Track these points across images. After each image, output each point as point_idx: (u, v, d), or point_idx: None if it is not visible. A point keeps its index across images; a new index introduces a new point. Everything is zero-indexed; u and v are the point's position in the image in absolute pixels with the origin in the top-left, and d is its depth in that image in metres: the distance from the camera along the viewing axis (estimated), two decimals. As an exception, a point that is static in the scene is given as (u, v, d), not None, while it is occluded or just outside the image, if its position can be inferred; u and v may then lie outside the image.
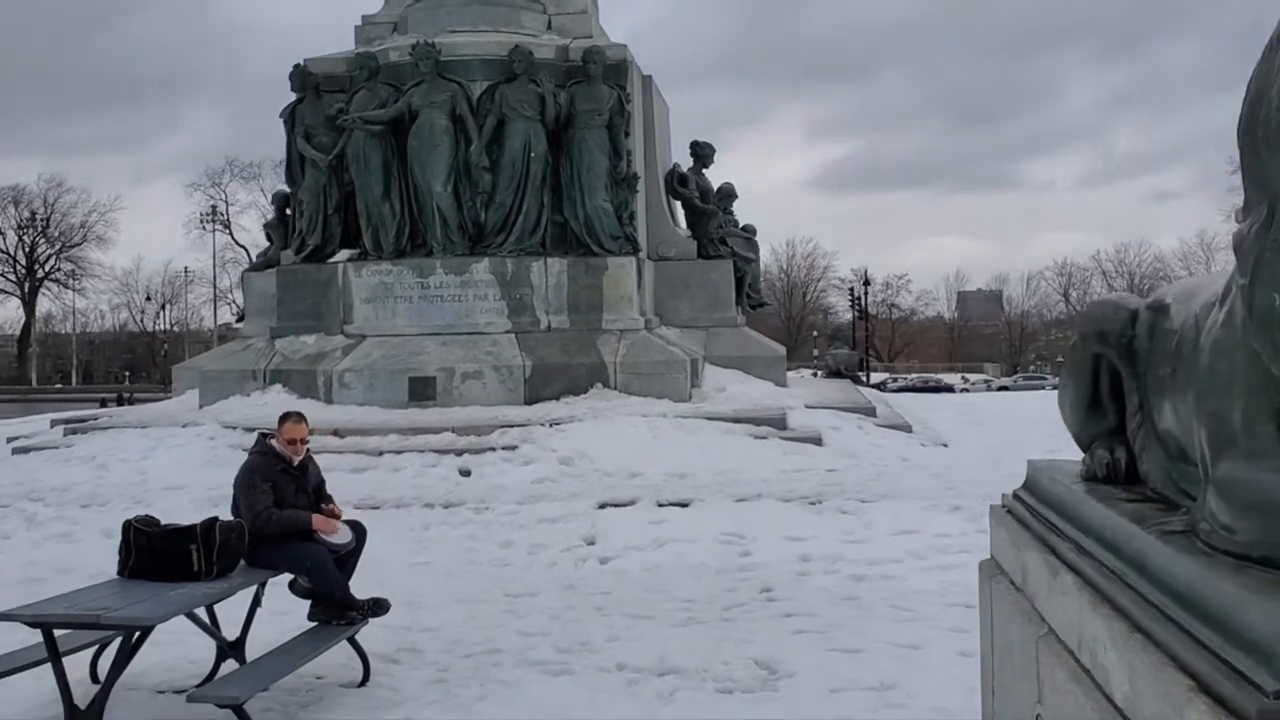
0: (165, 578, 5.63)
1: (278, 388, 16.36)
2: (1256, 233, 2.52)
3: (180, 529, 5.76)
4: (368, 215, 16.82)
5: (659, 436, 13.53)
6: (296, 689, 6.29)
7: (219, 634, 6.22)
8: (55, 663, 4.88)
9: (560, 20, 18.32)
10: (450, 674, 6.51)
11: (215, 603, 5.79)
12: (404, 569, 9.71)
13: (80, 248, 76.27)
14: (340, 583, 6.22)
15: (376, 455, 13.46)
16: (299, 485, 6.36)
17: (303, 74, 17.59)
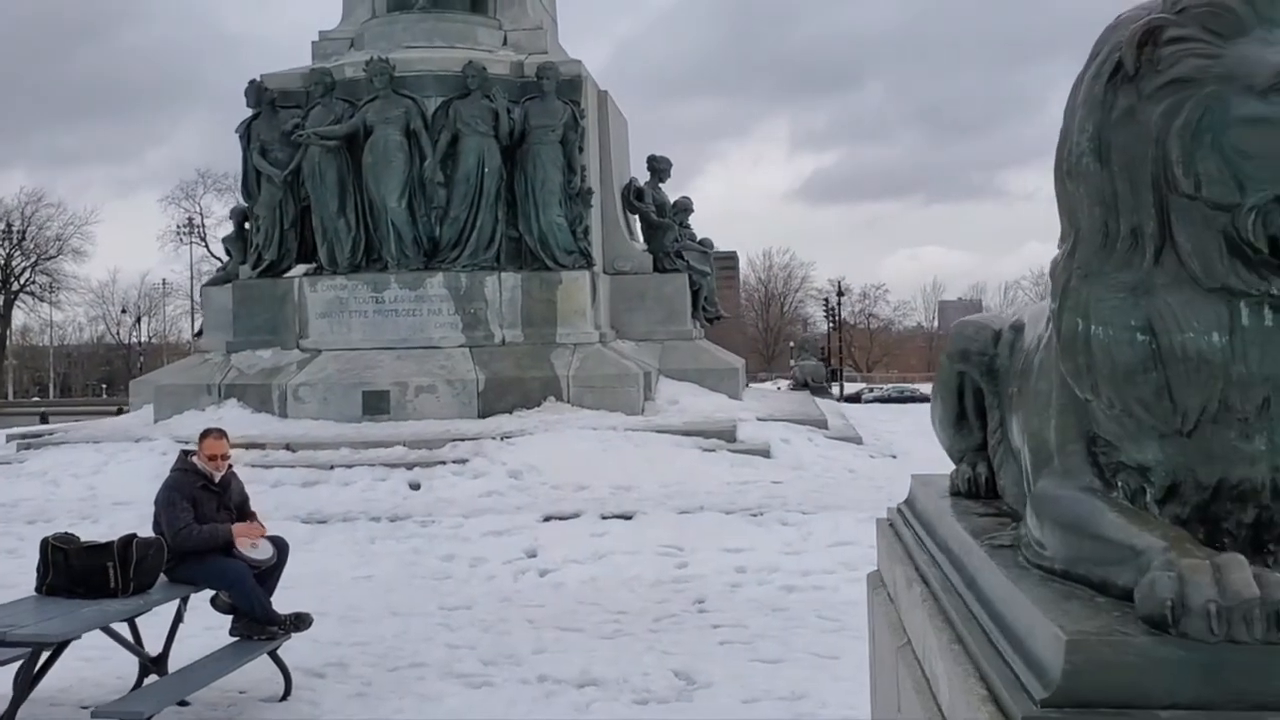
0: (82, 595, 5.69)
1: (233, 402, 16.38)
2: (1064, 260, 2.67)
3: (97, 546, 5.82)
4: (323, 230, 16.88)
5: (608, 449, 13.64)
6: (217, 704, 6.36)
7: (141, 650, 6.27)
8: (-37, 679, 4.93)
9: (516, 36, 18.45)
10: (373, 687, 6.59)
11: (129, 619, 5.85)
12: (346, 582, 9.79)
13: (55, 260, 75.71)
14: (261, 598, 6.29)
15: (327, 469, 13.51)
16: (220, 501, 6.43)
17: (258, 89, 17.65)
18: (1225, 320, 2.33)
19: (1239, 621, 2.01)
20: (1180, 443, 2.41)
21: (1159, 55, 2.38)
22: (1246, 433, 2.36)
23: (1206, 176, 2.32)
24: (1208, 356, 2.33)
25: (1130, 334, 2.43)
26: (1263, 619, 2.00)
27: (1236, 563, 2.10)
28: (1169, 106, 2.35)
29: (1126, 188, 2.43)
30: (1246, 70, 2.31)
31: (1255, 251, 2.31)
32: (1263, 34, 2.37)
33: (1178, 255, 2.41)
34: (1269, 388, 2.33)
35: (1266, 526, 2.42)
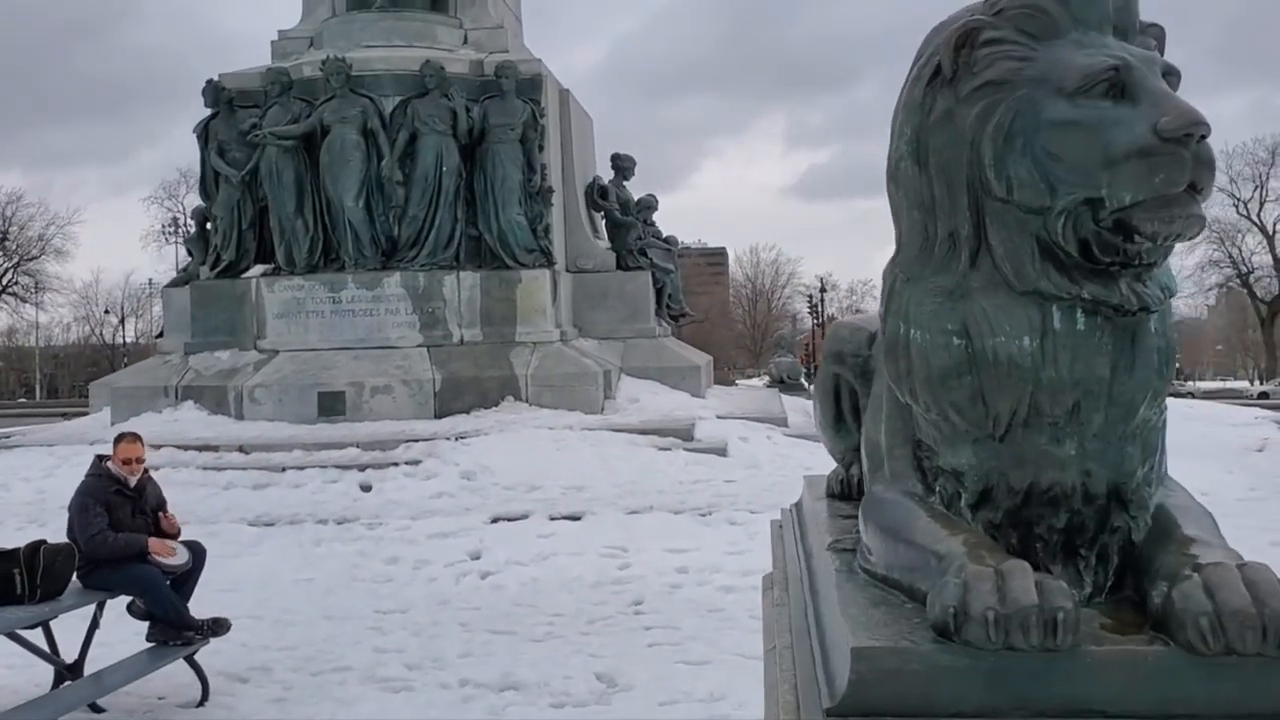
0: (-12, 601, 5.63)
1: (190, 404, 16.28)
2: (890, 264, 2.67)
3: (3, 553, 5.76)
4: (281, 230, 16.79)
5: (563, 449, 13.60)
6: (135, 710, 6.32)
7: (55, 657, 6.20)
8: None
9: (476, 35, 18.38)
10: (292, 692, 6.55)
11: (35, 625, 5.78)
12: (286, 585, 9.73)
13: (38, 261, 75.23)
14: (175, 604, 6.24)
15: (279, 471, 13.43)
16: (136, 506, 6.37)
17: (215, 89, 17.54)
18: (1037, 324, 2.32)
19: (1016, 629, 1.99)
20: (993, 447, 2.40)
21: (975, 57, 2.37)
22: (1057, 437, 2.35)
23: (1018, 180, 2.30)
24: (1018, 360, 2.32)
25: (946, 338, 2.41)
26: (1039, 626, 1.99)
27: (1019, 570, 2.09)
28: (983, 109, 2.34)
29: (944, 191, 2.42)
30: (1057, 73, 2.30)
31: (1067, 255, 2.30)
32: (1077, 36, 2.36)
33: (992, 259, 2.39)
34: (1079, 392, 2.32)
35: (1078, 531, 2.40)
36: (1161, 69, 2.35)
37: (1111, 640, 2.09)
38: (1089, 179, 2.25)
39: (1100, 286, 2.30)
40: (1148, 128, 2.20)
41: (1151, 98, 2.24)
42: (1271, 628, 1.93)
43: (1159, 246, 2.29)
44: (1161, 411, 2.46)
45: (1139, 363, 2.35)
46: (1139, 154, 2.19)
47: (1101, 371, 2.32)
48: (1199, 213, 2.26)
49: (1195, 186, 2.21)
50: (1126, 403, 2.35)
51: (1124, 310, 2.30)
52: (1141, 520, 2.40)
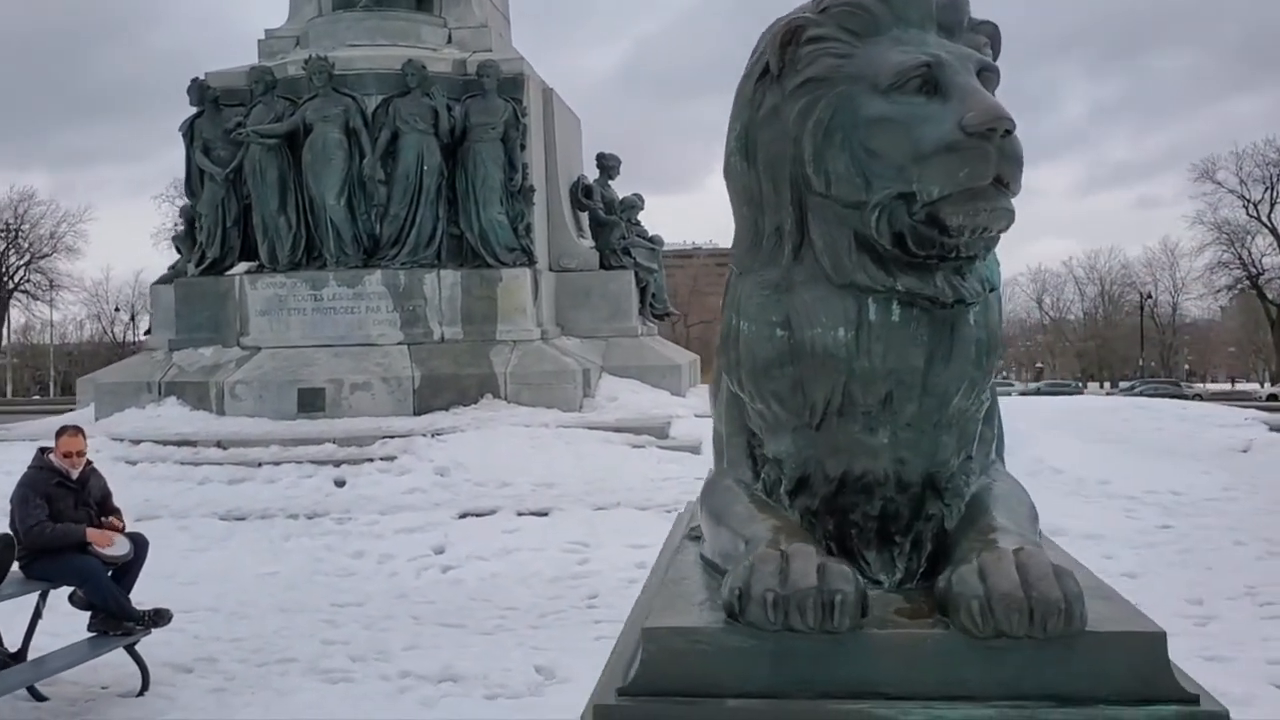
0: (-76, 591, 5.70)
1: (172, 400, 16.36)
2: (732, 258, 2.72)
3: (-61, 543, 5.84)
4: (264, 228, 16.86)
5: (537, 446, 13.65)
6: (76, 698, 6.40)
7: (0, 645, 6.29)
8: None
9: (460, 34, 18.44)
10: (233, 683, 6.62)
11: (-30, 615, 5.86)
12: (248, 579, 9.81)
13: (50, 259, 75.55)
14: (114, 594, 6.31)
15: (255, 467, 13.50)
16: (78, 498, 6.44)
17: (201, 88, 17.61)
18: (853, 316, 2.37)
19: (794, 610, 2.05)
20: (810, 436, 2.45)
21: (798, 55, 2.42)
22: (870, 426, 2.41)
23: (835, 175, 2.36)
24: (832, 351, 2.37)
25: (770, 329, 2.47)
26: (815, 608, 2.04)
27: (803, 553, 2.14)
28: (804, 106, 2.39)
29: (770, 187, 2.47)
30: (873, 70, 2.35)
31: (884, 249, 2.34)
32: (898, 33, 2.41)
33: (814, 253, 2.45)
34: (891, 382, 2.37)
35: (893, 519, 2.45)
36: (977, 66, 2.40)
37: (899, 624, 2.15)
38: (901, 173, 2.30)
39: (916, 279, 2.35)
40: (954, 123, 2.25)
41: (960, 94, 2.29)
42: (1038, 611, 1.98)
43: (974, 239, 2.33)
44: (982, 402, 2.51)
45: (956, 354, 2.40)
46: (945, 149, 2.24)
47: (915, 362, 2.37)
48: (1006, 206, 2.31)
49: (1002, 180, 2.26)
50: (941, 393, 2.40)
51: (940, 302, 2.35)
52: (955, 508, 2.46)
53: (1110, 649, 2.01)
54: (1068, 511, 11.81)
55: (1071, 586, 2.01)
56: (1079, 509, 12.15)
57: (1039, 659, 2.01)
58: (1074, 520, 11.17)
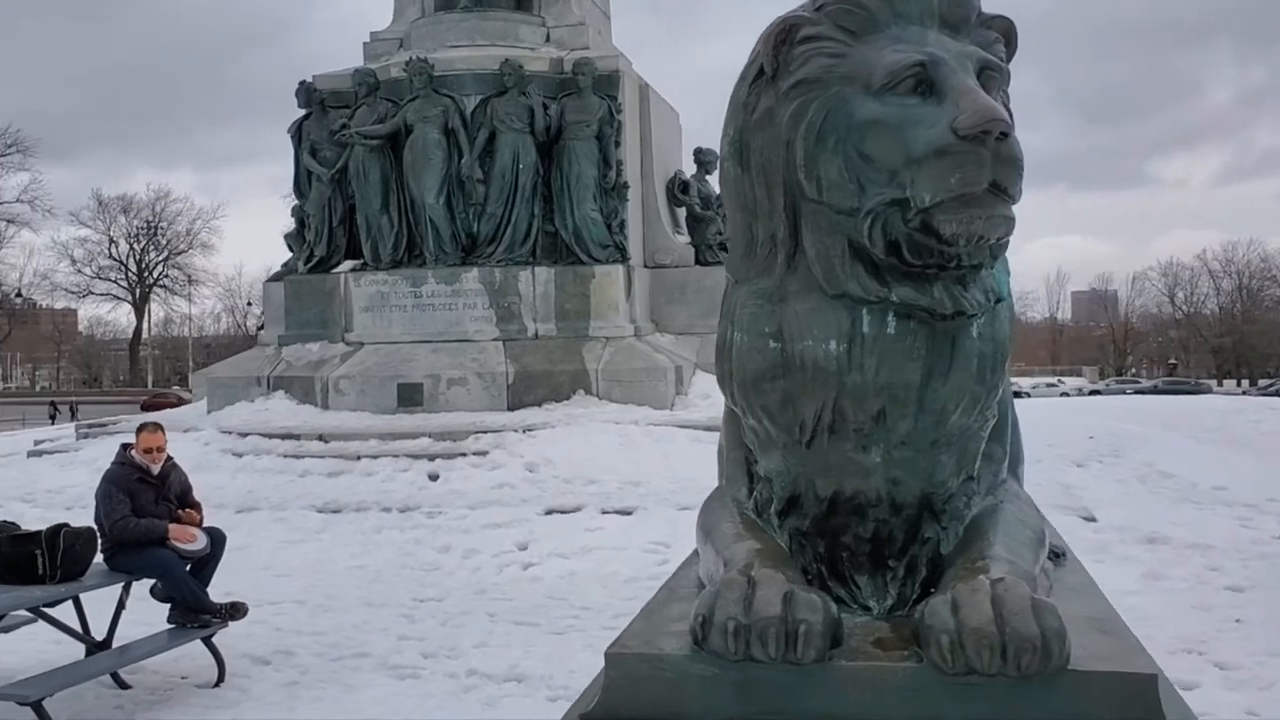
0: (14, 580, 5.98)
1: (280, 394, 16.86)
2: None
3: (27, 535, 6.11)
4: (367, 227, 17.25)
5: (626, 444, 13.66)
6: (156, 687, 6.62)
7: (87, 635, 6.54)
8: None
9: (559, 33, 18.54)
10: (307, 676, 6.77)
11: (53, 604, 6.11)
12: (338, 572, 10.04)
13: (186, 255, 79.06)
14: (192, 588, 6.51)
15: (354, 460, 13.83)
16: (159, 493, 6.66)
17: (308, 90, 18.09)
18: (846, 328, 2.28)
19: (756, 639, 1.98)
20: (801, 453, 2.36)
21: (792, 55, 2.34)
22: (863, 444, 2.31)
23: (828, 180, 2.27)
24: (822, 365, 2.28)
25: (762, 341, 2.39)
26: (777, 639, 1.97)
27: (770, 580, 2.06)
28: (796, 108, 2.30)
29: (764, 192, 2.39)
30: (867, 70, 2.26)
31: (880, 257, 2.24)
32: (896, 31, 2.31)
33: (807, 262, 2.35)
34: (884, 398, 2.27)
35: (886, 541, 2.35)
36: (977, 65, 2.27)
37: (872, 656, 2.05)
38: (894, 179, 2.20)
39: (912, 289, 2.24)
40: (946, 126, 2.14)
41: (954, 95, 2.18)
42: (1012, 648, 1.86)
43: (975, 248, 2.22)
44: (986, 419, 2.38)
45: (956, 369, 2.28)
46: (936, 153, 2.14)
47: (911, 377, 2.26)
48: (1004, 213, 2.19)
49: (998, 185, 2.14)
50: (938, 410, 2.28)
51: (938, 314, 2.24)
52: (953, 531, 2.34)
53: (1094, 690, 1.88)
54: (1174, 519, 11.31)
55: (1051, 622, 1.88)
56: (1187, 516, 11.61)
57: (1014, 698, 1.89)
58: (1180, 529, 10.69)
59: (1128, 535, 10.30)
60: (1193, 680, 6.20)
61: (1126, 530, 10.50)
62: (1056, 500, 11.96)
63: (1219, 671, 6.37)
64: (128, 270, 79.78)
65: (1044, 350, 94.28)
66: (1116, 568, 9.22)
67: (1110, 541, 10.10)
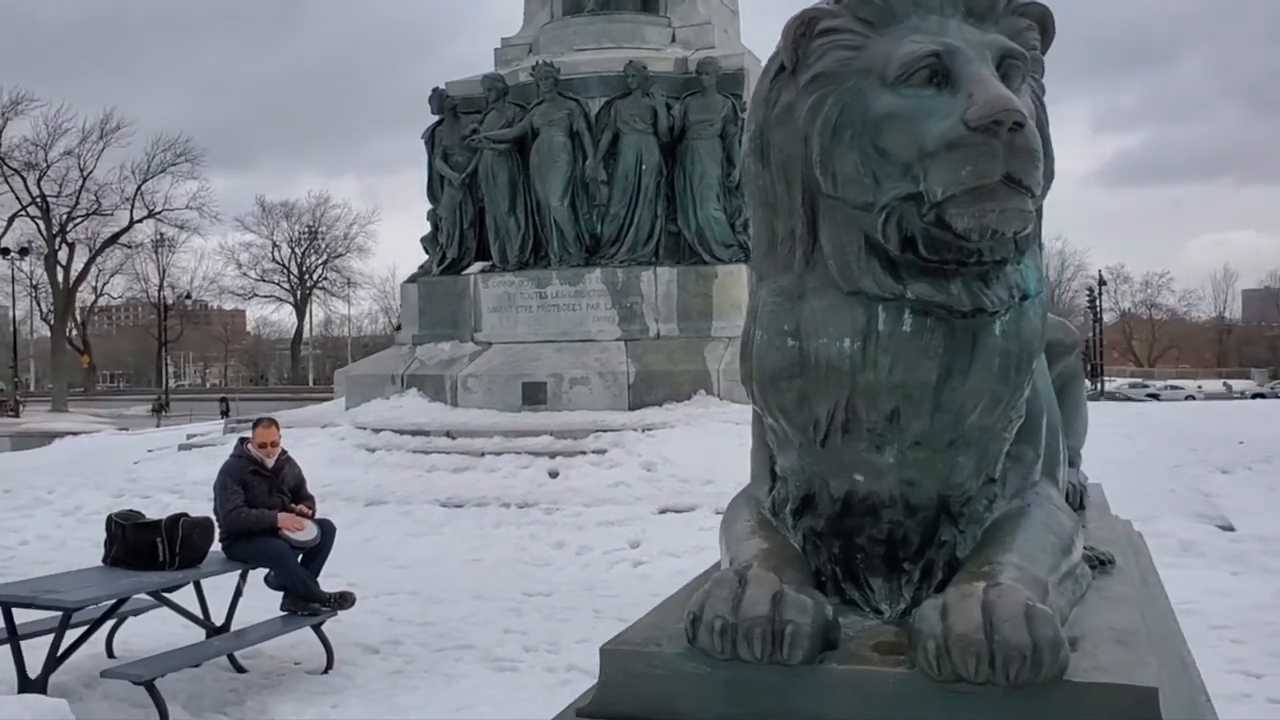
0: (136, 566, 6.34)
1: (413, 391, 17.39)
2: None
3: (149, 523, 6.47)
4: (495, 229, 17.65)
5: (745, 445, 13.52)
6: (270, 672, 6.92)
7: (208, 620, 6.89)
8: (11, 636, 5.61)
9: (684, 33, 18.59)
10: (412, 666, 6.97)
11: (172, 589, 6.45)
12: (456, 565, 10.32)
13: (344, 258, 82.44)
14: (301, 577, 6.77)
15: (479, 456, 14.16)
16: (272, 485, 6.96)
17: (441, 97, 18.59)
18: (861, 326, 2.24)
19: (742, 639, 1.97)
20: (815, 452, 2.33)
21: (810, 48, 2.31)
22: (877, 444, 2.26)
23: (844, 175, 2.24)
24: (836, 363, 2.25)
25: (782, 339, 2.36)
26: (763, 639, 1.95)
27: (761, 579, 2.04)
28: (814, 102, 2.28)
29: (784, 189, 2.37)
30: (881, 62, 2.23)
31: (896, 253, 2.19)
32: (915, 22, 2.27)
33: (824, 258, 2.32)
34: (898, 397, 2.22)
35: (901, 544, 2.30)
36: (998, 54, 2.20)
37: (867, 660, 2.01)
38: (909, 173, 2.16)
39: (929, 286, 2.18)
40: (958, 118, 2.08)
41: (968, 85, 2.11)
42: (1000, 656, 1.80)
43: (993, 242, 2.15)
44: (1010, 420, 2.30)
45: (976, 367, 2.22)
46: (948, 146, 2.09)
47: (926, 376, 2.20)
48: (1019, 206, 2.11)
49: (1013, 178, 2.07)
50: (956, 410, 2.22)
51: (956, 312, 2.18)
52: (971, 535, 2.28)
53: (1089, 703, 1.80)
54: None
55: (1044, 631, 1.81)
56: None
57: (1005, 708, 1.82)
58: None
59: (1270, 546, 9.72)
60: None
61: (1269, 541, 9.91)
62: (1192, 508, 11.41)
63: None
64: (289, 273, 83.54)
65: (1210, 351, 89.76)
66: (1253, 579, 8.75)
67: (1249, 552, 9.56)
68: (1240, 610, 7.75)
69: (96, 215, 58.66)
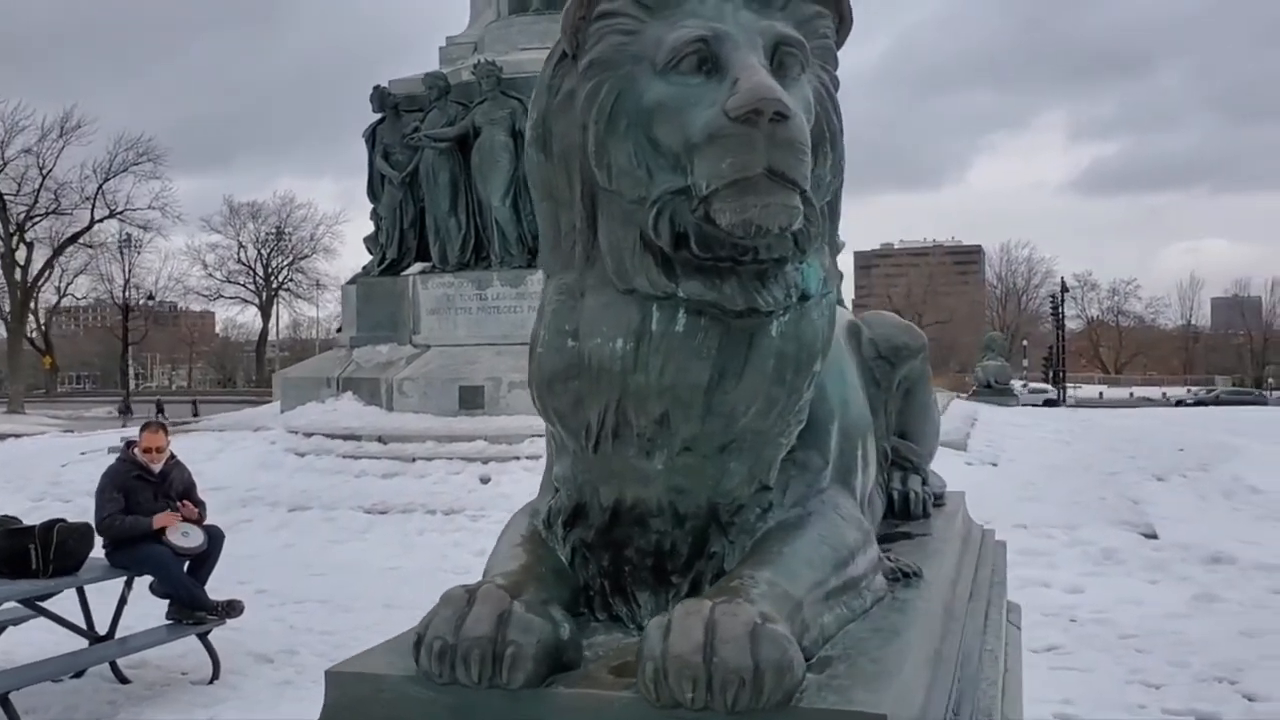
0: (9, 574, 6.10)
1: (349, 395, 17.14)
2: (552, 260, 2.48)
3: (21, 529, 6.23)
4: (436, 229, 17.44)
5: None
6: (154, 683, 6.70)
7: (91, 629, 6.66)
8: None
9: (629, 34, 18.46)
10: (302, 676, 6.76)
11: (44, 598, 6.22)
12: (372, 572, 10.10)
13: (310, 259, 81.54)
14: (186, 584, 6.56)
15: (409, 461, 13.95)
16: (158, 491, 6.74)
17: (382, 95, 18.37)
18: (634, 326, 2.10)
19: (460, 661, 1.82)
20: (587, 459, 2.20)
21: (588, 33, 2.18)
22: (646, 450, 2.13)
23: (618, 167, 2.10)
24: (607, 365, 2.11)
25: (562, 339, 2.22)
26: (480, 661, 1.81)
27: (489, 597, 1.91)
28: (591, 89, 2.15)
29: (564, 180, 2.23)
30: (654, 48, 2.09)
31: (669, 250, 2.06)
32: (694, 6, 2.14)
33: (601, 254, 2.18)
34: (667, 400, 2.08)
35: (669, 555, 2.17)
36: (772, 40, 2.07)
37: (600, 682, 1.87)
38: (678, 165, 2.03)
39: (701, 284, 2.05)
40: (720, 108, 1.95)
41: (734, 73, 1.99)
42: (718, 679, 1.66)
43: (766, 239, 2.02)
44: (788, 424, 2.17)
45: (750, 369, 2.09)
46: (709, 137, 1.96)
47: (697, 378, 2.07)
48: (783, 201, 1.98)
49: (775, 171, 1.93)
50: (727, 413, 2.09)
51: (728, 311, 2.05)
52: (740, 546, 2.14)
53: (816, 731, 1.66)
54: (1249, 538, 10.64)
55: (769, 653, 1.67)
56: (1266, 535, 10.90)
57: (733, 735, 1.68)
58: (1251, 548, 10.04)
59: (1191, 554, 9.72)
60: (1213, 712, 5.77)
61: (1191, 549, 9.91)
62: (1119, 515, 11.41)
63: (1245, 703, 5.91)
64: (255, 274, 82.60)
65: (1177, 358, 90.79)
66: (1169, 588, 8.73)
67: (1170, 560, 9.55)
68: (1151, 619, 7.70)
69: (56, 214, 57.73)
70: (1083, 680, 6.36)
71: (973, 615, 2.83)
